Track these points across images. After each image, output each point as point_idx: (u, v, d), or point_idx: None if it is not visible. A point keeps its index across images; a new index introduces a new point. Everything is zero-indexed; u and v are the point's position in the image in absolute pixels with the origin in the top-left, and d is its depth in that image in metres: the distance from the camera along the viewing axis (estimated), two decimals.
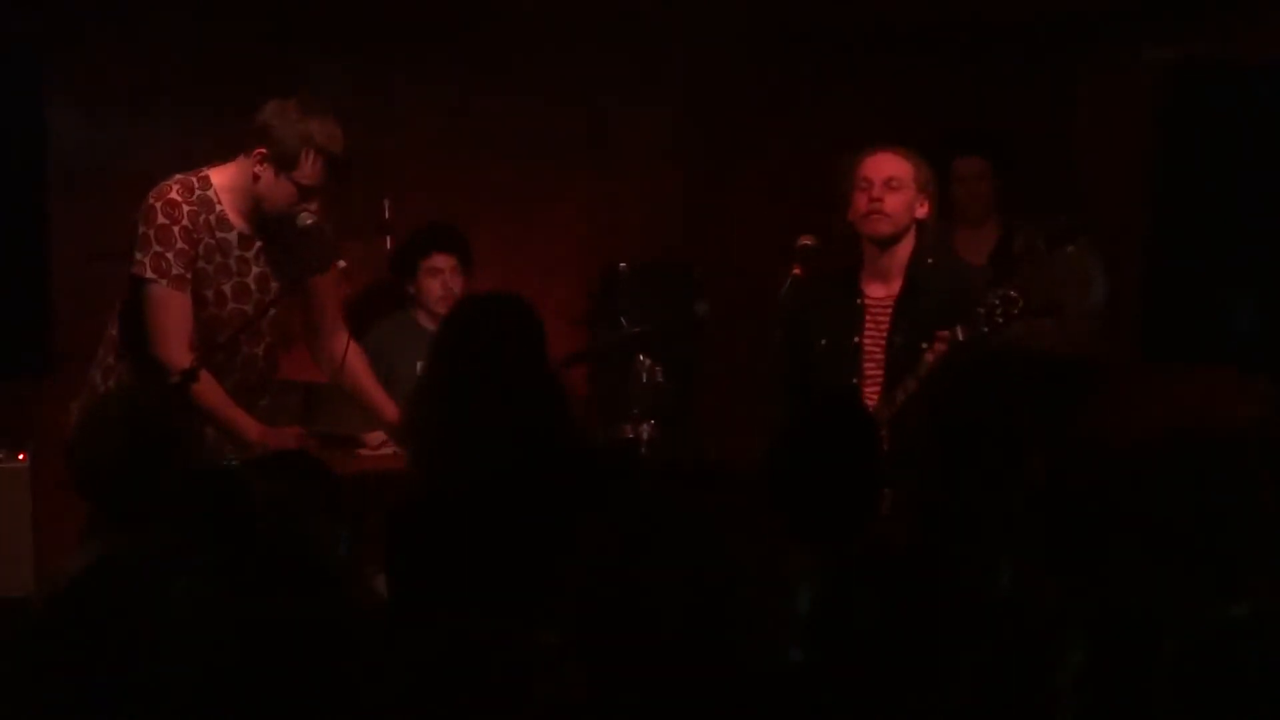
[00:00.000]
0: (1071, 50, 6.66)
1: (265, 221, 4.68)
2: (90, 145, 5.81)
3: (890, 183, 4.69)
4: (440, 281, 5.67)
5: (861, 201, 4.71)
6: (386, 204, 5.65)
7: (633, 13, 6.24)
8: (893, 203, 4.69)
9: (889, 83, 6.57)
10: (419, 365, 5.60)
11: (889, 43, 6.53)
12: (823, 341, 4.79)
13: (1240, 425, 4.87)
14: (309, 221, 4.61)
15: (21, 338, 5.43)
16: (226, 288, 4.66)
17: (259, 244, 4.69)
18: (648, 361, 5.50)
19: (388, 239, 5.62)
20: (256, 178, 4.58)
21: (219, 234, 4.63)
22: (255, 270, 4.70)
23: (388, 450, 4.95)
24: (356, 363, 4.93)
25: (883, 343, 4.72)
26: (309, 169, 4.55)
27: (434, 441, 3.75)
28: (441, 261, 5.67)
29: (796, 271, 4.83)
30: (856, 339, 4.75)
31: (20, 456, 5.08)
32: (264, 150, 4.55)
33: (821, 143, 6.50)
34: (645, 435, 5.35)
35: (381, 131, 6.08)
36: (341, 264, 4.68)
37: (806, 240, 4.85)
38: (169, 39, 5.86)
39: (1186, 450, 2.96)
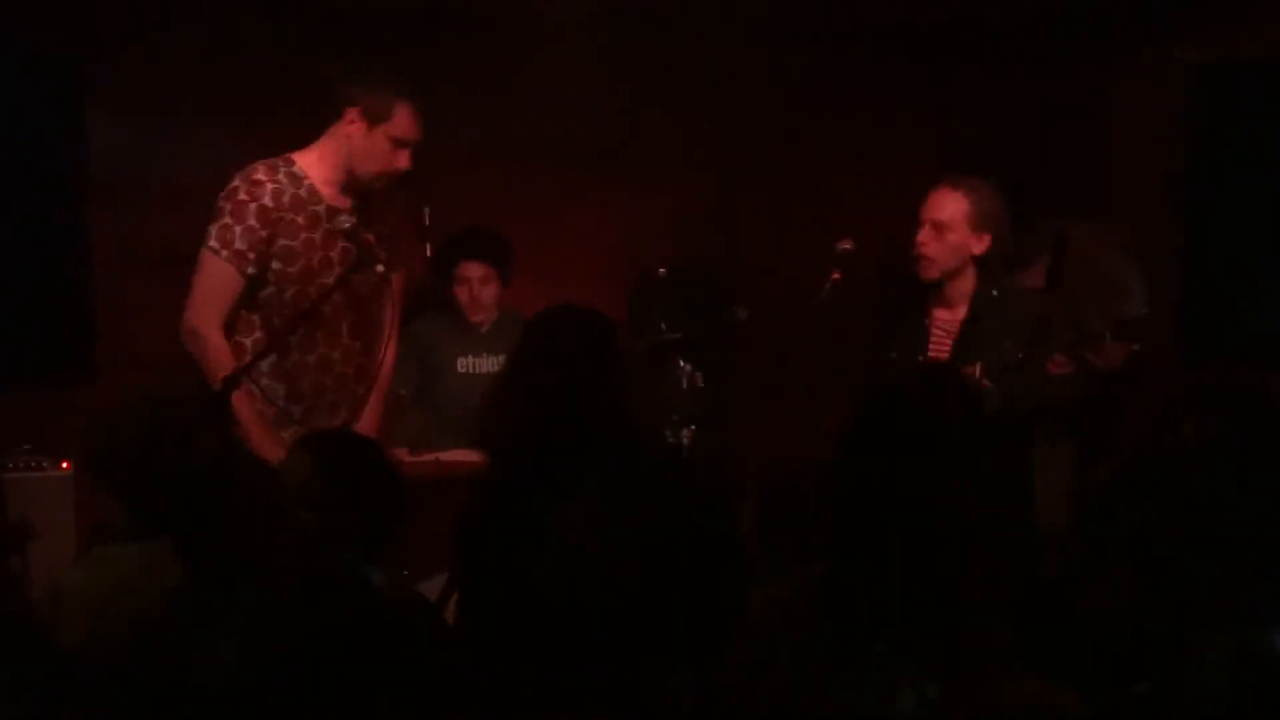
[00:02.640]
0: (1103, 52, 6.65)
1: (360, 198, 4.71)
2: (130, 156, 5.85)
3: (938, 225, 4.75)
4: (469, 289, 5.68)
5: (915, 240, 4.79)
6: (426, 212, 5.72)
7: (666, 19, 6.26)
8: (936, 247, 4.77)
9: (921, 86, 6.58)
10: (459, 361, 5.65)
11: (922, 46, 6.54)
12: (892, 354, 4.86)
13: None
14: (347, 224, 4.64)
15: (63, 347, 5.45)
16: (315, 261, 4.67)
17: (346, 221, 4.69)
18: (688, 367, 5.52)
19: (427, 245, 5.69)
20: (349, 138, 4.63)
21: (310, 206, 4.67)
22: (341, 245, 4.70)
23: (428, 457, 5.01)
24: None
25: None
26: (401, 120, 4.61)
27: (510, 441, 3.79)
28: (472, 270, 5.69)
29: (836, 276, 4.85)
30: (922, 357, 4.82)
31: (64, 465, 5.10)
32: (356, 109, 4.61)
33: (855, 146, 6.53)
34: (685, 440, 5.37)
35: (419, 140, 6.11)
36: (380, 269, 4.69)
37: (845, 245, 4.88)
38: (207, 50, 5.89)
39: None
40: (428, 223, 5.70)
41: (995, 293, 4.82)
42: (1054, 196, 6.41)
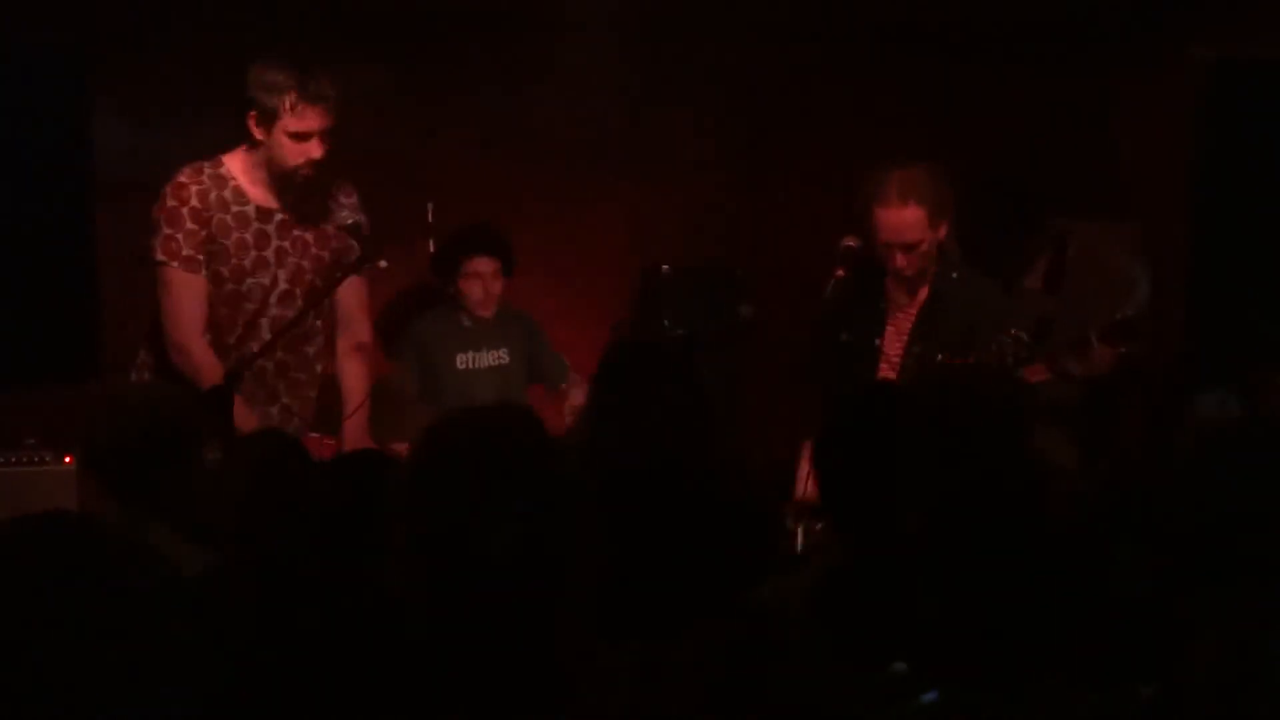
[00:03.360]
0: (1113, 50, 6.63)
1: (290, 195, 4.77)
2: (136, 154, 5.86)
3: (909, 246, 4.74)
4: (481, 285, 5.67)
5: (888, 262, 4.79)
6: (430, 207, 5.72)
7: (674, 15, 6.25)
8: (915, 263, 4.77)
9: (931, 84, 6.56)
10: (459, 358, 5.65)
11: (931, 44, 6.52)
12: (844, 337, 4.87)
13: None
14: (349, 221, 4.67)
15: (68, 343, 5.48)
16: (246, 261, 4.75)
17: (281, 218, 4.76)
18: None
19: (430, 242, 5.68)
20: (258, 143, 4.70)
21: (235, 207, 4.74)
22: (275, 244, 4.78)
23: None
24: (353, 366, 4.98)
25: (901, 349, 4.80)
26: (291, 115, 4.64)
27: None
28: (483, 265, 5.67)
29: (840, 273, 4.83)
30: (877, 341, 4.82)
31: (67, 459, 5.11)
32: (252, 113, 4.68)
33: (863, 144, 6.51)
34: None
35: (424, 135, 6.13)
36: (382, 264, 4.71)
37: (850, 241, 4.86)
38: (213, 48, 5.90)
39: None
40: (431, 219, 5.69)
41: (954, 275, 4.82)
42: (1063, 196, 6.40)
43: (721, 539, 3.21)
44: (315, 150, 4.67)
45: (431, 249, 5.71)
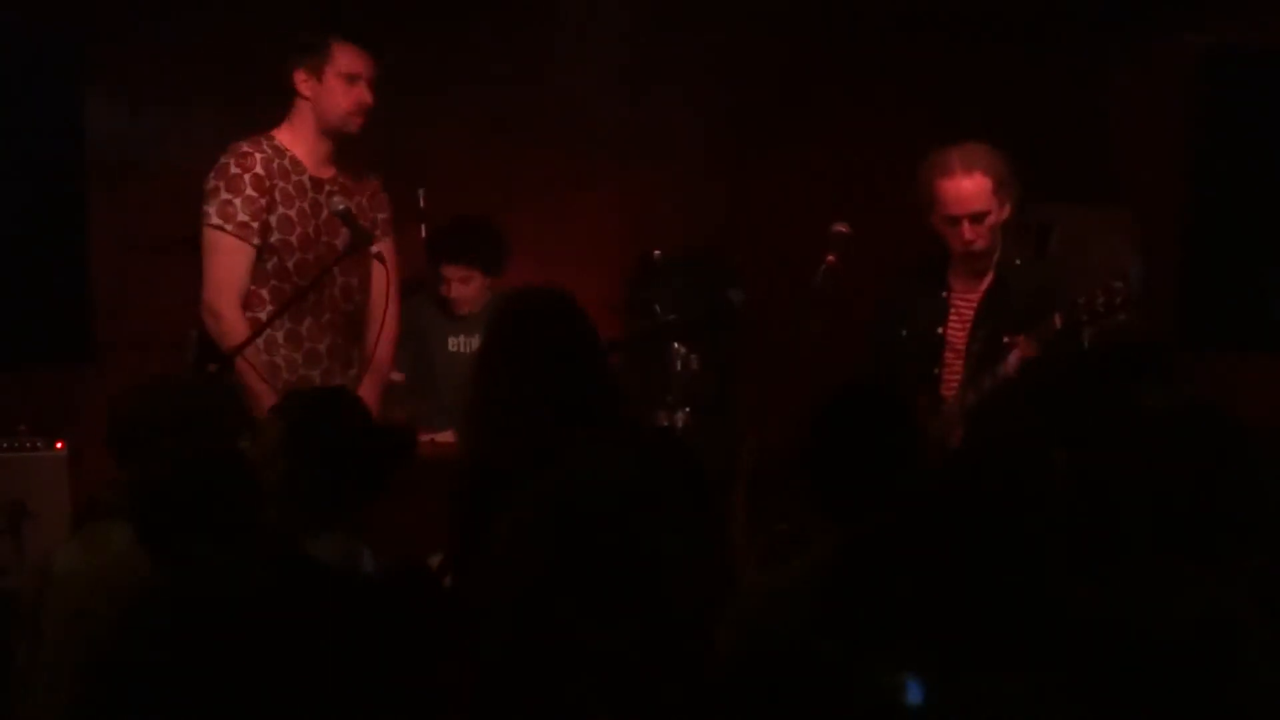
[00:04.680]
0: (1106, 37, 6.63)
1: (337, 161, 4.80)
2: (128, 139, 5.86)
3: (976, 216, 4.68)
4: (456, 290, 5.68)
5: (955, 240, 4.73)
6: (421, 194, 5.72)
7: (667, 2, 6.25)
8: (983, 234, 4.71)
9: (926, 71, 6.55)
10: (450, 341, 5.66)
11: (926, 31, 6.51)
12: (904, 332, 4.84)
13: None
14: (341, 206, 4.67)
15: (61, 327, 5.49)
16: (310, 229, 4.75)
17: (330, 189, 4.77)
18: (683, 350, 5.52)
19: (422, 228, 5.68)
20: (309, 99, 4.73)
21: (294, 176, 4.74)
22: (326, 214, 4.77)
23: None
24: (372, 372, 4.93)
25: (965, 336, 4.76)
26: (342, 56, 4.72)
27: (485, 422, 3.81)
28: (454, 273, 5.67)
29: (831, 259, 4.83)
30: (940, 330, 4.79)
31: (58, 444, 5.12)
32: (301, 70, 4.73)
33: (857, 131, 6.51)
34: (680, 423, 5.37)
35: (417, 122, 6.12)
36: (375, 249, 4.71)
37: (841, 227, 4.86)
38: (205, 33, 5.90)
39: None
40: (423, 205, 5.69)
41: (1018, 261, 4.79)
42: (1056, 181, 6.39)
43: None
44: (366, 94, 4.73)
45: (423, 235, 5.71)
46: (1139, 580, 2.68)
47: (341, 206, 4.69)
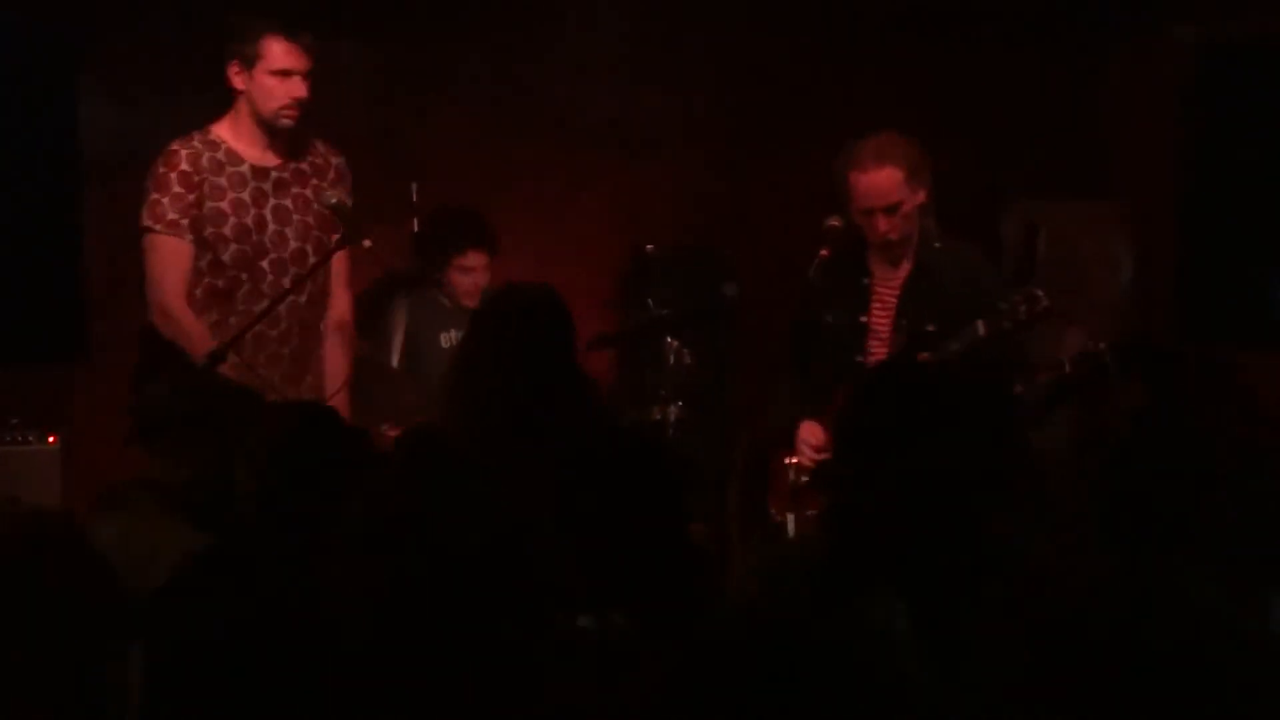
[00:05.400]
0: (1099, 30, 6.63)
1: (284, 149, 4.77)
2: (123, 134, 5.84)
3: (890, 208, 4.69)
4: (472, 279, 5.62)
5: (870, 231, 4.74)
6: (414, 187, 5.71)
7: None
8: (897, 225, 4.71)
9: (917, 65, 6.55)
10: (443, 336, 5.65)
11: (917, 25, 6.51)
12: (829, 319, 4.83)
13: None
14: (334, 200, 4.67)
15: (55, 323, 5.50)
16: (248, 220, 4.73)
17: (277, 176, 4.76)
18: (676, 344, 5.52)
19: (414, 221, 5.68)
20: (242, 91, 4.71)
21: (229, 169, 4.73)
22: (274, 201, 4.76)
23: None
24: (335, 344, 4.94)
25: (889, 323, 4.77)
26: (272, 52, 4.67)
27: (464, 416, 3.83)
28: (475, 260, 5.62)
29: (824, 253, 4.83)
30: (863, 318, 4.80)
31: (50, 439, 5.12)
32: (233, 62, 4.70)
33: (849, 125, 6.50)
34: (673, 417, 5.38)
35: (409, 116, 6.12)
36: (367, 243, 4.70)
37: (834, 221, 4.85)
38: (200, 27, 5.89)
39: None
40: (415, 198, 5.69)
41: (936, 245, 4.80)
42: (1051, 177, 6.39)
43: None
44: (299, 89, 4.68)
45: (415, 228, 5.71)
46: (1129, 576, 2.68)
47: (334, 200, 4.68)
